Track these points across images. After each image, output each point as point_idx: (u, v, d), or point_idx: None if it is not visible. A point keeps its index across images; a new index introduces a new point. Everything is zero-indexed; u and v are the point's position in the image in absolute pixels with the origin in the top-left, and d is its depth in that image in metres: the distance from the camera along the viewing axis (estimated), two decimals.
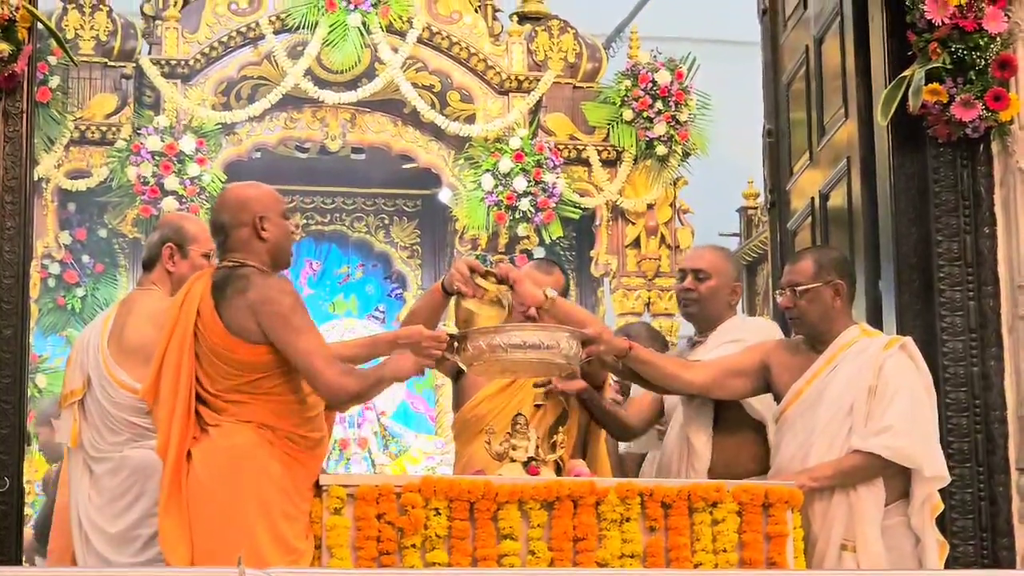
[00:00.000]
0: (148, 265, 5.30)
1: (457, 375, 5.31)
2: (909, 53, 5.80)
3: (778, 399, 5.16)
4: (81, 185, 11.25)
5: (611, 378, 5.44)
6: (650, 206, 12.12)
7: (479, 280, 5.04)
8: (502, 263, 5.17)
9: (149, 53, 11.50)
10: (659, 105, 11.88)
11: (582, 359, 4.94)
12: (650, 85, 11.90)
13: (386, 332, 5.20)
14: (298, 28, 11.38)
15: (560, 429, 5.01)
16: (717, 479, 4.93)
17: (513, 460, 4.75)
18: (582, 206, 11.99)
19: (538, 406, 5.12)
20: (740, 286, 5.53)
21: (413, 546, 4.47)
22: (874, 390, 4.93)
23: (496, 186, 11.62)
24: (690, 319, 5.46)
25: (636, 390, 5.52)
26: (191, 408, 4.49)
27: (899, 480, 4.95)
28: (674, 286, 5.51)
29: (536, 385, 5.12)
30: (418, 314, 5.08)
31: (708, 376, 5.15)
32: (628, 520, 4.61)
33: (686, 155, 12.15)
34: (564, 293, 5.27)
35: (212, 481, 4.41)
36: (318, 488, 4.51)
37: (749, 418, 5.29)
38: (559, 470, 4.82)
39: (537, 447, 4.78)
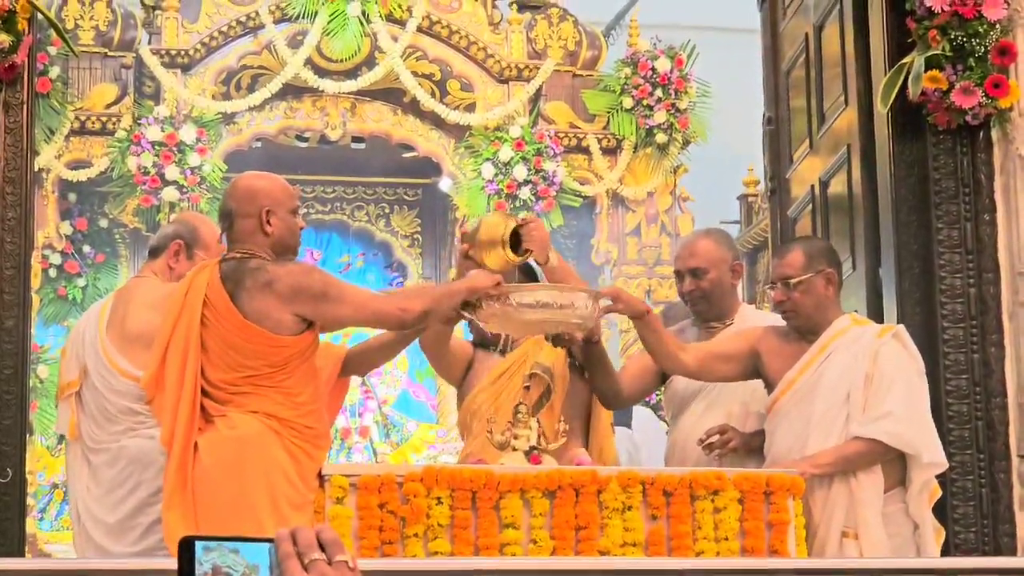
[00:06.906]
0: (154, 253, 5.28)
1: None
2: (909, 40, 5.79)
3: (768, 385, 5.15)
4: (82, 175, 11.27)
5: None
6: (650, 194, 12.12)
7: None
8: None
9: (149, 43, 11.49)
10: (659, 93, 11.87)
11: (599, 317, 4.91)
12: (650, 73, 11.89)
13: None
14: (298, 17, 11.37)
15: (543, 404, 4.98)
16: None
17: (515, 449, 4.75)
18: (582, 194, 11.99)
19: (526, 388, 5.07)
20: (740, 263, 5.49)
21: (415, 535, 4.47)
22: (871, 378, 4.93)
23: (496, 175, 11.62)
24: (701, 315, 5.38)
25: (633, 357, 5.48)
26: (197, 399, 4.48)
27: (896, 467, 4.95)
28: (677, 287, 5.46)
29: (552, 338, 5.02)
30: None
31: (697, 360, 5.13)
32: (630, 508, 4.60)
33: (686, 143, 12.14)
34: None
35: (219, 471, 4.40)
36: (320, 477, 4.51)
37: None
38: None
39: (539, 436, 4.76)
